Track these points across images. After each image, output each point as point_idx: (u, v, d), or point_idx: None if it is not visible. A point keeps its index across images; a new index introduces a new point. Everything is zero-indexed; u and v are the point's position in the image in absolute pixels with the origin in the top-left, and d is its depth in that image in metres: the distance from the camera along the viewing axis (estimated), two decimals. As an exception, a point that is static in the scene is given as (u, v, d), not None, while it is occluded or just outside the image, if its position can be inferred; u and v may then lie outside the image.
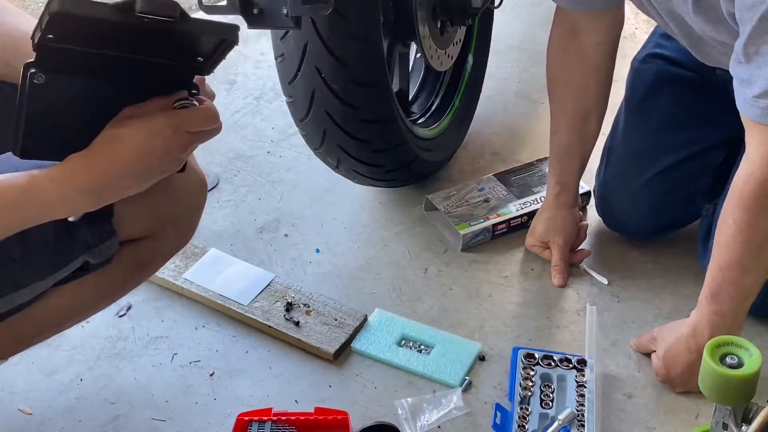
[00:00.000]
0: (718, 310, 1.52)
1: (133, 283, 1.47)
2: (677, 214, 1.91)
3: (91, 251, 1.30)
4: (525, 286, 1.87)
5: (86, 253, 1.30)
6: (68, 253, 1.28)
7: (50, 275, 1.28)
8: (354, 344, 1.71)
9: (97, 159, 1.12)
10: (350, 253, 1.94)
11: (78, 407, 1.59)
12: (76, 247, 1.28)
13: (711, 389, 1.27)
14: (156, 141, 1.13)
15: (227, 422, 1.54)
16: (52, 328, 1.43)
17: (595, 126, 1.85)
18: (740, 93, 1.40)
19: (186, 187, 1.39)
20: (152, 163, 1.15)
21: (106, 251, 1.31)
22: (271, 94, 2.42)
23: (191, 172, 1.38)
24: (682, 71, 1.86)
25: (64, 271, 1.30)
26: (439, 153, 2.12)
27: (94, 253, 1.30)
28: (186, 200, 1.42)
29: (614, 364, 1.69)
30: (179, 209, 1.41)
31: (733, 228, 1.45)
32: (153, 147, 1.13)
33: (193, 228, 1.48)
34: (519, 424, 1.54)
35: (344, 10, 1.67)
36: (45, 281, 1.29)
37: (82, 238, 1.28)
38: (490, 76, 2.35)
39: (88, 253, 1.30)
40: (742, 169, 1.43)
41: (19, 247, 1.24)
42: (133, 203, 1.26)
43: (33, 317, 1.33)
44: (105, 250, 1.31)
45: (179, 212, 1.42)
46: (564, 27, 1.78)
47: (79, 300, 1.40)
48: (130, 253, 1.38)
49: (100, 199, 1.15)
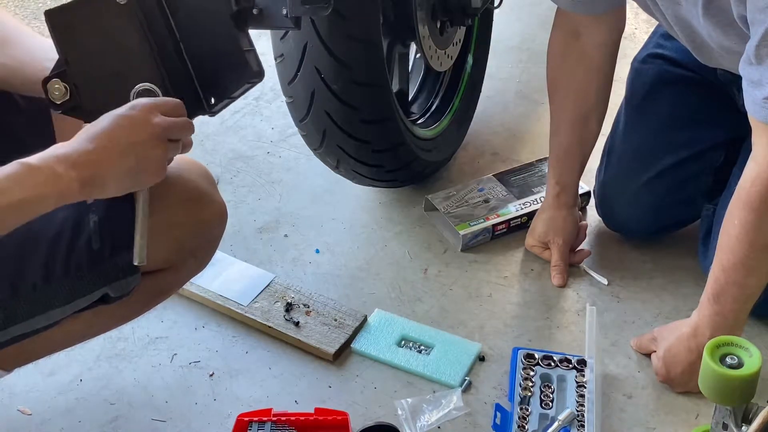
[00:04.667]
0: (720, 310, 1.52)
1: (147, 308, 1.48)
2: (677, 214, 1.90)
3: (111, 285, 1.29)
4: (525, 286, 1.87)
5: (107, 286, 1.29)
6: (90, 284, 1.28)
7: (69, 304, 1.28)
8: (354, 344, 1.71)
9: (77, 136, 1.14)
10: (350, 253, 1.94)
11: (78, 407, 1.59)
12: (99, 279, 1.28)
13: (711, 389, 1.27)
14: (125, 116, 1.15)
15: (227, 423, 1.54)
16: (61, 346, 1.45)
17: (595, 127, 1.85)
18: (750, 94, 1.40)
19: (208, 219, 1.40)
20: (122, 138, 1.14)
21: (126, 285, 1.31)
22: (270, 94, 2.41)
23: (214, 205, 1.39)
24: (683, 71, 1.86)
25: (83, 302, 1.30)
26: (439, 153, 2.12)
27: (114, 287, 1.30)
28: (207, 232, 1.42)
29: (614, 364, 1.69)
30: (200, 241, 1.42)
31: (739, 229, 1.44)
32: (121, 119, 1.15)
33: (211, 255, 1.48)
34: (519, 425, 1.54)
35: (344, 10, 1.67)
36: (63, 309, 1.29)
37: (105, 270, 1.28)
38: (490, 76, 2.35)
39: (109, 287, 1.29)
40: (749, 171, 1.43)
41: (41, 276, 1.25)
42: (157, 237, 1.26)
43: (45, 338, 1.33)
44: (126, 285, 1.31)
45: (200, 244, 1.43)
46: (565, 29, 1.78)
47: (93, 326, 1.42)
48: (149, 284, 1.37)
49: (85, 178, 1.12)
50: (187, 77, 1.25)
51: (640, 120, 1.88)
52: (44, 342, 1.35)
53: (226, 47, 1.23)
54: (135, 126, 1.15)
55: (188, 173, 1.36)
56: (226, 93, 1.24)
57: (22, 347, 1.33)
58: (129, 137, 1.15)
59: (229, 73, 1.24)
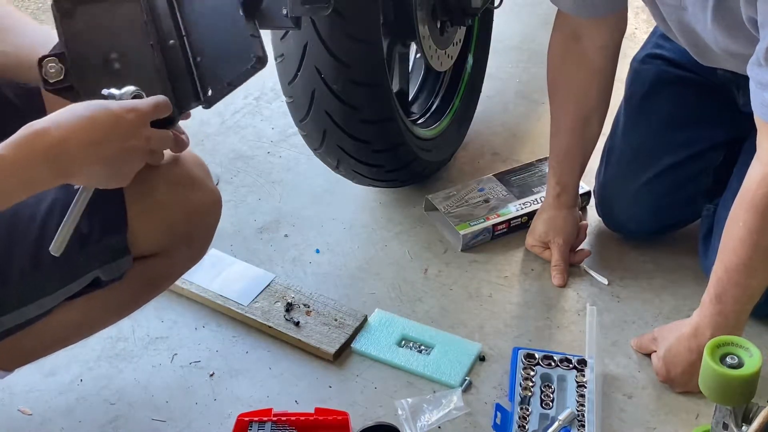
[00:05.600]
0: (721, 311, 1.51)
1: (143, 300, 1.46)
2: (677, 214, 1.90)
3: (102, 268, 1.29)
4: (525, 287, 1.87)
5: (98, 269, 1.29)
6: (80, 267, 1.28)
7: (61, 289, 1.28)
8: (354, 344, 1.71)
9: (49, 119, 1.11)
10: (350, 254, 1.94)
11: (78, 408, 1.59)
12: (89, 262, 1.28)
13: (711, 389, 1.27)
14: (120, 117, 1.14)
15: (227, 423, 1.54)
16: (59, 343, 1.43)
17: (596, 128, 1.84)
18: (757, 95, 1.40)
19: (201, 205, 1.39)
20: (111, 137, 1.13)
21: (117, 268, 1.31)
22: (271, 94, 2.41)
23: (206, 190, 1.39)
24: (682, 71, 1.86)
25: (75, 286, 1.29)
26: (439, 153, 2.12)
27: (105, 269, 1.29)
28: (200, 219, 1.41)
29: (614, 364, 1.69)
30: (193, 228, 1.41)
31: (743, 230, 1.44)
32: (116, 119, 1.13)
33: (206, 247, 1.47)
34: (519, 425, 1.54)
35: (344, 10, 1.67)
36: (55, 295, 1.28)
37: (95, 252, 1.27)
38: (490, 76, 2.35)
39: (100, 269, 1.29)
40: (754, 172, 1.43)
41: (29, 262, 1.24)
42: (147, 219, 1.27)
43: (41, 332, 1.33)
44: (117, 268, 1.30)
45: (193, 231, 1.41)
46: (565, 31, 1.77)
47: (88, 316, 1.39)
48: (142, 270, 1.37)
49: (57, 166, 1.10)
50: (187, 67, 1.24)
51: (639, 120, 1.88)
52: (41, 337, 1.34)
53: (231, 32, 1.21)
54: (126, 132, 1.14)
55: (180, 159, 1.35)
56: (225, 81, 1.21)
57: (20, 344, 1.32)
58: (117, 140, 1.14)
59: (232, 60, 1.21)
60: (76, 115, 1.12)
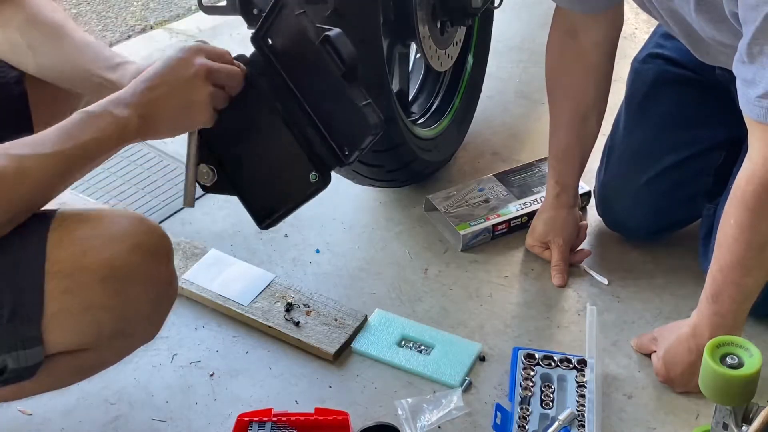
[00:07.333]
0: (718, 310, 1.51)
1: (77, 380, 1.41)
2: (678, 214, 1.91)
3: (10, 354, 1.18)
4: (525, 287, 1.87)
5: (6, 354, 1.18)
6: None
7: None
8: (354, 344, 1.71)
9: (132, 83, 1.26)
10: (350, 253, 1.94)
11: (78, 408, 1.59)
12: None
13: (711, 389, 1.27)
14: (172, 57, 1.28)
15: (227, 423, 1.54)
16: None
17: (594, 126, 1.85)
18: (743, 93, 1.40)
19: (136, 300, 1.24)
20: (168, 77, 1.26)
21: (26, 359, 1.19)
22: (271, 94, 2.41)
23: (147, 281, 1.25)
24: (683, 71, 1.86)
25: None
26: (439, 153, 2.12)
27: (13, 356, 1.19)
28: (135, 313, 1.26)
29: (614, 364, 1.69)
30: (125, 324, 1.26)
31: (735, 229, 1.44)
32: (169, 60, 1.28)
33: (153, 334, 1.35)
34: (519, 425, 1.54)
35: (344, 10, 1.67)
36: None
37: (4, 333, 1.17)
38: (490, 76, 2.35)
39: (8, 355, 1.19)
40: (744, 170, 1.43)
41: None
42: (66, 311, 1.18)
43: None
44: (26, 358, 1.19)
45: (126, 327, 1.27)
46: (563, 28, 1.78)
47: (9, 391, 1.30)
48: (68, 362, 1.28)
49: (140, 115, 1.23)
50: (322, 138, 1.36)
51: (640, 120, 1.88)
52: None
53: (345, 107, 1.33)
54: (180, 66, 1.27)
55: (114, 239, 1.21)
56: (356, 145, 1.34)
57: None
58: (175, 76, 1.26)
59: (355, 127, 1.33)
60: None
